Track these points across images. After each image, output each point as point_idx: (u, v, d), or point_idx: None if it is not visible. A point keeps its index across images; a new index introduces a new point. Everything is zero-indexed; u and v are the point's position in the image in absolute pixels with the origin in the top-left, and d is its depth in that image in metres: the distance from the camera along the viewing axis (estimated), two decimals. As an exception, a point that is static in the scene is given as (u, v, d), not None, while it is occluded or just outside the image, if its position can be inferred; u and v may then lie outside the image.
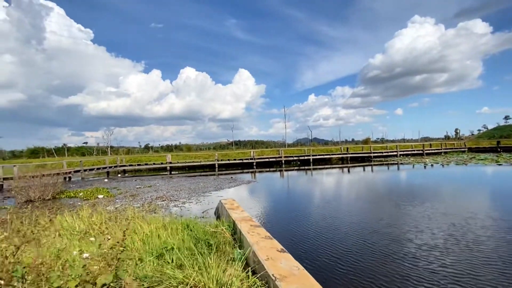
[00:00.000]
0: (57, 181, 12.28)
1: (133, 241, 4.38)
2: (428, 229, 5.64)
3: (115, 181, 18.45)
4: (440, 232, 5.42)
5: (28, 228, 5.44)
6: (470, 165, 19.09)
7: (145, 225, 5.33)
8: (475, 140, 44.77)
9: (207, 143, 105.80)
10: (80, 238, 5.03)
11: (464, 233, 5.26)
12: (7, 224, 6.56)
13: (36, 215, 7.84)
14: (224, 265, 2.90)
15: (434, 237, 5.16)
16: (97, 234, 5.44)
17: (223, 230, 4.44)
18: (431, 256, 4.30)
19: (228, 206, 5.97)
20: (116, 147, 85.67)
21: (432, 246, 4.68)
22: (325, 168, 23.94)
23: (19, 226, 6.27)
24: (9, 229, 6.14)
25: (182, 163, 26.91)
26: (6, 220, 7.09)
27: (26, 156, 74.89)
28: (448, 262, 4.08)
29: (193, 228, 4.83)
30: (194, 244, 4.06)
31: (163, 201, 10.23)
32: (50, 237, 5.36)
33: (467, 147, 32.20)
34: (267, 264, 2.93)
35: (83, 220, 6.19)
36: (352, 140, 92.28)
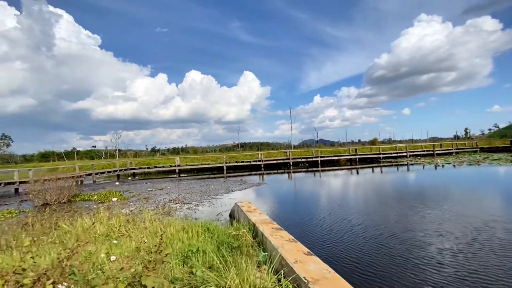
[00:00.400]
0: (72, 184, 12.49)
1: (155, 243, 4.42)
2: (449, 233, 5.54)
3: (126, 184, 18.67)
4: (464, 236, 5.32)
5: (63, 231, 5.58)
6: (484, 165, 18.69)
7: (164, 228, 5.39)
8: (487, 139, 43.85)
9: (212, 146, 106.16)
10: (103, 240, 5.10)
11: (489, 237, 5.14)
12: (30, 227, 6.72)
13: (56, 218, 8.00)
14: (253, 268, 2.91)
15: (458, 242, 5.05)
16: (118, 237, 5.52)
17: (245, 233, 4.45)
18: (456, 261, 4.22)
19: (245, 209, 5.98)
20: (124, 150, 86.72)
21: (456, 252, 4.59)
22: (334, 170, 23.76)
23: (45, 229, 6.42)
24: (33, 231, 6.28)
25: (190, 166, 27.08)
26: (28, 223, 7.26)
27: (37, 160, 76.38)
28: (476, 268, 4.00)
29: (213, 231, 4.86)
30: (218, 247, 4.08)
31: (176, 203, 10.31)
32: (71, 240, 5.45)
33: (479, 147, 31.52)
34: (296, 267, 2.93)
35: (102, 223, 6.27)
36: (359, 141, 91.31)
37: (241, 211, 6.07)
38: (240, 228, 4.69)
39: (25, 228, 6.68)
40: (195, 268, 3.14)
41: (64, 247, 2.13)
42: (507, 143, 30.78)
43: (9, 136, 75.43)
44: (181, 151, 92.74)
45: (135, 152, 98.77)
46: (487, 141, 35.99)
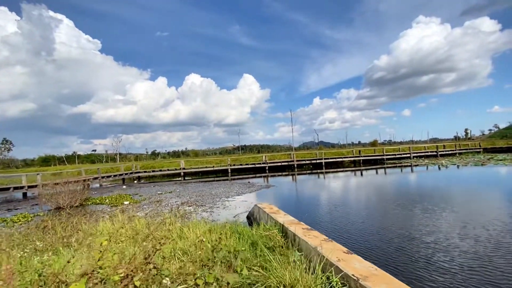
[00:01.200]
0: (84, 188, 12.53)
1: (188, 246, 4.47)
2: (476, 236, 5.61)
3: (133, 187, 18.69)
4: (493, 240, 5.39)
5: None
6: (490, 165, 18.80)
7: (189, 230, 5.43)
8: (488, 140, 44.01)
9: (212, 148, 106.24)
10: (133, 243, 5.14)
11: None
12: (51, 230, 6.74)
13: (74, 221, 8.04)
14: (300, 266, 2.97)
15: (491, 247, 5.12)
16: (146, 240, 5.56)
17: (275, 233, 4.51)
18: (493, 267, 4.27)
19: (268, 210, 6.04)
20: (124, 154, 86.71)
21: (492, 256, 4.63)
22: (338, 172, 23.84)
23: (68, 232, 6.45)
24: (54, 234, 6.31)
25: (195, 169, 27.13)
26: (47, 226, 7.29)
27: (38, 165, 76.26)
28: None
29: (241, 232, 4.92)
30: (250, 247, 4.14)
31: (189, 206, 10.35)
32: (97, 242, 5.48)
33: (482, 148, 31.67)
34: (341, 265, 3.00)
35: (124, 226, 6.30)
36: (359, 143, 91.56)
37: (263, 212, 6.12)
38: (269, 229, 4.75)
39: (46, 231, 6.73)
40: (238, 267, 3.20)
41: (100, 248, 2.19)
42: (510, 144, 30.97)
43: (10, 140, 75.32)
44: (182, 154, 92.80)
45: (135, 155, 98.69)
46: (490, 142, 36.17)
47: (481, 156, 25.82)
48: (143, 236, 5.82)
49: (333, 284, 2.76)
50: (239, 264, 3.44)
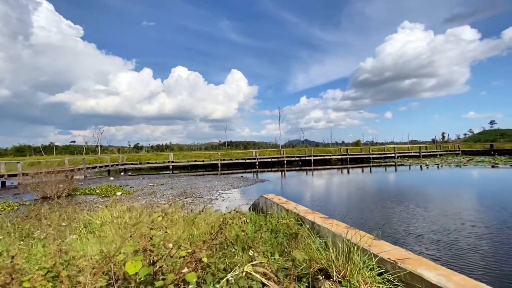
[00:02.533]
0: (73, 178, 11.95)
1: (202, 233, 4.37)
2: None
3: (121, 179, 18.07)
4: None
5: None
6: (470, 166, 19.83)
7: (199, 220, 5.31)
8: (462, 143, 46.55)
9: (198, 144, 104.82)
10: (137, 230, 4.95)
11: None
12: (45, 219, 6.37)
13: (68, 211, 7.65)
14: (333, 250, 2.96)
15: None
16: (154, 228, 5.36)
17: (293, 222, 4.49)
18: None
19: (278, 201, 6.02)
20: (106, 146, 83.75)
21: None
22: (326, 169, 24.25)
23: (64, 220, 6.12)
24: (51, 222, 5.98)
25: (184, 162, 26.64)
26: (38, 215, 6.88)
27: (11, 155, 72.01)
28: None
29: (256, 220, 4.87)
30: (275, 235, 4.10)
31: (186, 198, 10.15)
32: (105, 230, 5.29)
33: (461, 150, 33.42)
34: (374, 250, 3.01)
35: (125, 215, 6.05)
36: (343, 142, 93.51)
37: (272, 203, 6.09)
38: (286, 218, 4.73)
39: (39, 220, 6.35)
40: (266, 253, 3.15)
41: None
42: (487, 147, 32.86)
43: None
44: (166, 148, 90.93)
45: (118, 148, 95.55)
46: (468, 145, 38.26)
47: (461, 158, 27.22)
48: (151, 224, 5.63)
49: (370, 268, 2.77)
50: (268, 249, 3.40)
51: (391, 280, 2.60)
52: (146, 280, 1.67)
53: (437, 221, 6.26)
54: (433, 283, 2.36)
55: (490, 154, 29.47)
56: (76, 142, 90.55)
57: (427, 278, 2.40)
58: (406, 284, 2.55)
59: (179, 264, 1.69)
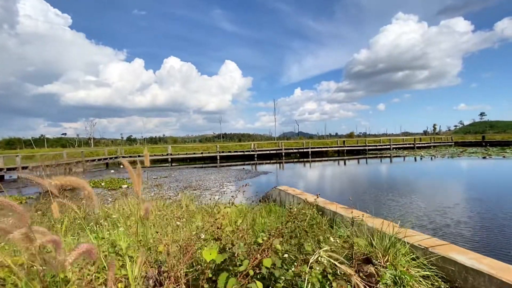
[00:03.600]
0: (77, 170, 11.89)
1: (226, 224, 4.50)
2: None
3: (122, 172, 18.01)
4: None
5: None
6: (464, 158, 20.44)
7: (221, 211, 5.45)
8: (452, 135, 47.69)
9: (192, 136, 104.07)
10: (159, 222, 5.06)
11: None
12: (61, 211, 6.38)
13: (81, 203, 7.68)
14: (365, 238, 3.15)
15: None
16: (173, 219, 5.47)
17: (314, 212, 4.67)
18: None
19: (292, 192, 6.19)
20: (98, 139, 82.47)
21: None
22: (324, 160, 24.64)
23: (83, 213, 6.14)
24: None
25: (183, 155, 26.61)
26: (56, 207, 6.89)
27: (1, 148, 70.32)
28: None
29: (276, 211, 5.03)
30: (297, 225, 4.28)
31: (194, 190, 10.26)
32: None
33: (453, 141, 34.31)
34: (401, 236, 3.22)
35: (141, 207, 6.07)
36: (336, 134, 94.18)
37: (287, 194, 6.26)
38: (306, 209, 4.91)
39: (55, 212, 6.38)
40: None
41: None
42: (478, 139, 33.82)
43: (-32, 120, 68.55)
44: (159, 140, 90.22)
45: (110, 140, 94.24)
46: (460, 136, 39.24)
47: (454, 149, 27.98)
48: (172, 216, 5.74)
49: (403, 254, 2.97)
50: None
51: (425, 264, 2.81)
52: (221, 266, 1.80)
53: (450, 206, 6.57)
54: (466, 265, 2.57)
55: (482, 146, 30.37)
56: (67, 135, 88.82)
57: (460, 261, 2.61)
58: (439, 267, 2.77)
59: (253, 251, 1.82)
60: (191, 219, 5.00)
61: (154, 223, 4.56)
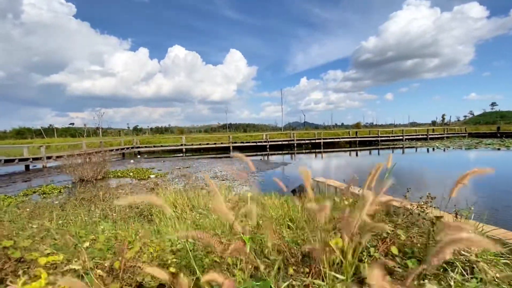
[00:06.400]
0: (105, 160, 12.16)
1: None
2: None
3: (141, 162, 18.31)
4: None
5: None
6: (482, 149, 20.28)
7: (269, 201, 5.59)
8: (463, 125, 46.97)
9: (197, 126, 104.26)
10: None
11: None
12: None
13: (120, 193, 7.92)
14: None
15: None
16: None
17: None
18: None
19: (332, 183, 6.31)
20: (105, 129, 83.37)
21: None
22: (337, 151, 24.68)
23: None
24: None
25: (196, 145, 26.84)
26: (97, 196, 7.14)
27: (12, 137, 71.58)
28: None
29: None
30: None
31: (222, 180, 10.46)
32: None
33: (467, 132, 33.94)
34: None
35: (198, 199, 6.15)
36: (342, 125, 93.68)
37: (327, 186, 6.38)
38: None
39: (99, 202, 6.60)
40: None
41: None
42: (493, 129, 33.35)
43: (-20, 110, 69.51)
44: (165, 131, 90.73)
45: (118, 130, 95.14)
46: (475, 127, 38.70)
47: (469, 140, 27.70)
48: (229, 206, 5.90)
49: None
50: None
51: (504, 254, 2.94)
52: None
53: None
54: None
55: (497, 137, 29.98)
56: (75, 124, 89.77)
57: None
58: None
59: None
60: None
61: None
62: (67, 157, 12.38)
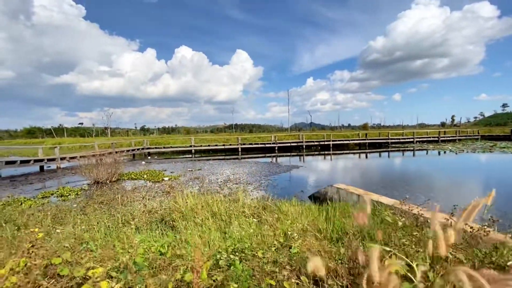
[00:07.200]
0: (119, 162, 12.24)
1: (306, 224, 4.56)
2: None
3: (152, 163, 18.42)
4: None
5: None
6: (497, 153, 19.82)
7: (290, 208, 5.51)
8: (474, 126, 46.05)
9: (203, 126, 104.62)
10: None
11: None
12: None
13: (136, 196, 7.93)
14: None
15: None
16: (239, 215, 5.57)
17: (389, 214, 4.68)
18: None
19: (354, 191, 6.20)
20: (113, 128, 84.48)
21: None
22: (346, 153, 24.45)
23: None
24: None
25: (205, 147, 26.91)
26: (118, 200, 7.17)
27: (23, 136, 73.14)
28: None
29: (350, 213, 5.05)
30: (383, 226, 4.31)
31: (235, 184, 10.41)
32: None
33: (480, 135, 33.23)
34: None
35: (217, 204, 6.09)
36: (349, 126, 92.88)
37: (349, 193, 6.28)
38: (382, 211, 4.92)
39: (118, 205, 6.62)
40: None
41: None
42: (507, 132, 32.63)
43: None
44: (172, 131, 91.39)
45: (125, 130, 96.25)
46: (487, 129, 37.93)
47: (482, 143, 27.10)
48: (237, 213, 5.85)
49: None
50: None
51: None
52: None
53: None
54: None
55: (510, 140, 29.28)
56: (84, 124, 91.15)
57: None
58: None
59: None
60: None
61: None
62: (80, 158, 12.54)
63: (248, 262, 2.76)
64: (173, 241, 3.63)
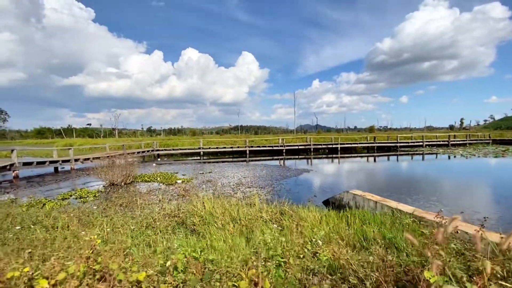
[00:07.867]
0: (133, 164, 12.46)
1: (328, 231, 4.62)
2: None
3: (163, 165, 18.66)
4: None
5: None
6: (510, 157, 19.53)
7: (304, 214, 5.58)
8: (483, 129, 45.31)
9: (209, 127, 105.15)
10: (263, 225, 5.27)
11: None
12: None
13: (155, 199, 8.08)
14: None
15: None
16: (255, 218, 5.66)
17: (412, 222, 4.72)
18: None
19: (371, 197, 6.25)
20: (120, 129, 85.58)
21: None
22: (354, 156, 24.36)
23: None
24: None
25: (213, 149, 27.12)
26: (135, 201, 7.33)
27: (33, 137, 74.56)
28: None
29: (369, 220, 5.10)
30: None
31: (248, 188, 10.51)
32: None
33: (491, 139, 32.72)
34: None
35: (235, 209, 6.18)
36: (355, 128, 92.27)
37: (365, 199, 6.32)
38: (404, 218, 4.96)
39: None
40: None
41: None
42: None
43: (5, 111, 72.83)
44: (178, 132, 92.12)
45: (132, 131, 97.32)
46: (498, 133, 37.34)
47: (493, 148, 26.68)
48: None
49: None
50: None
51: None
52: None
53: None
54: None
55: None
56: (92, 125, 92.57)
57: None
58: None
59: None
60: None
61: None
62: (93, 159, 12.83)
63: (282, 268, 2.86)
64: (200, 246, 3.75)
